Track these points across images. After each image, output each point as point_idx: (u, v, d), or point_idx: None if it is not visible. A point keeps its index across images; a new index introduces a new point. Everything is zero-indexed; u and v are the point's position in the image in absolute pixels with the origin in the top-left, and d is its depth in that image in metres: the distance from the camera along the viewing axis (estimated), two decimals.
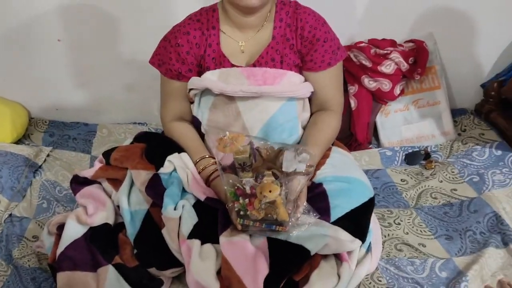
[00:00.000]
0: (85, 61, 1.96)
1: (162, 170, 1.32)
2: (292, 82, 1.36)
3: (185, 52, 1.35)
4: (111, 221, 1.34)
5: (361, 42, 1.87)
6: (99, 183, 1.45)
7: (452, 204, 1.57)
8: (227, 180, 1.19)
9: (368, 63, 1.80)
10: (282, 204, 1.16)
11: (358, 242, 1.25)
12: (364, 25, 1.89)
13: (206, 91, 1.39)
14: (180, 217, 1.24)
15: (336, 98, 1.42)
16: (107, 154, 1.44)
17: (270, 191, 1.12)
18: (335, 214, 1.24)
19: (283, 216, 1.15)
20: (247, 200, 1.16)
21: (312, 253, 1.20)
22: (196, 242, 1.21)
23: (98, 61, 1.96)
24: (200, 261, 1.18)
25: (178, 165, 1.33)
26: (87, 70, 1.98)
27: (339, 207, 1.26)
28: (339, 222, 1.24)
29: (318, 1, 1.46)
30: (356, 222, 1.26)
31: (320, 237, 1.20)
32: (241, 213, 1.17)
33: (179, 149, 1.38)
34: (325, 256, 1.26)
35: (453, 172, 1.70)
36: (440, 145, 1.86)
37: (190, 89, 1.40)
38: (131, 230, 1.29)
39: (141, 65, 1.95)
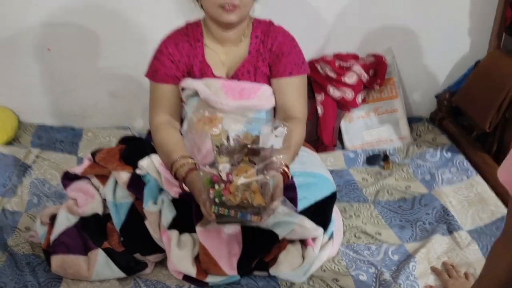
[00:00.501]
0: (72, 69, 2.10)
1: (138, 171, 1.47)
2: (265, 95, 1.52)
3: (177, 60, 1.49)
4: (100, 211, 1.49)
5: (327, 55, 2.07)
6: (88, 178, 1.59)
7: (406, 199, 1.77)
8: (203, 169, 1.21)
9: (333, 74, 2.00)
10: (258, 189, 1.17)
11: (321, 230, 1.43)
12: (330, 40, 2.09)
13: (193, 96, 1.52)
14: (160, 211, 1.40)
15: (298, 107, 1.51)
16: (94, 153, 1.58)
17: (246, 172, 1.15)
18: (302, 204, 1.41)
19: (259, 200, 1.16)
20: (222, 185, 1.16)
21: (280, 237, 1.37)
22: (175, 232, 1.36)
23: (84, 70, 2.10)
24: (178, 250, 1.34)
25: (149, 167, 1.45)
26: (73, 78, 2.12)
27: (306, 198, 1.43)
28: (304, 212, 1.41)
29: (291, 19, 1.63)
30: (320, 213, 1.44)
31: (287, 223, 1.37)
32: (216, 200, 1.16)
33: (151, 151, 1.49)
34: (292, 241, 1.44)
35: (408, 171, 1.90)
36: (398, 148, 2.06)
37: (183, 89, 1.52)
38: (117, 221, 1.43)
39: (125, 75, 2.12)
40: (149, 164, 1.43)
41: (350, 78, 2.00)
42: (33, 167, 1.88)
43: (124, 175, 1.45)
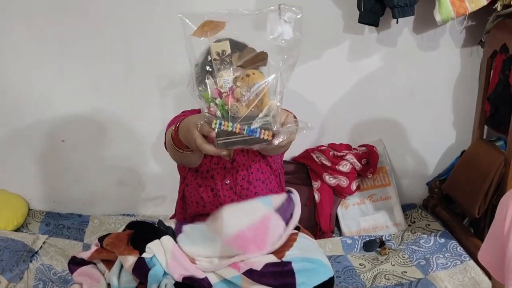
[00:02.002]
0: (82, 159, 2.23)
1: (144, 255, 1.54)
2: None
3: None
4: None
5: (322, 145, 2.22)
6: (94, 263, 1.65)
7: (402, 284, 1.80)
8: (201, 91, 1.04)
9: (328, 163, 2.13)
10: (268, 93, 1.00)
11: None
12: (324, 132, 2.25)
13: None
14: None
15: None
16: (101, 239, 1.66)
17: (253, 73, 0.99)
18: None
19: (270, 104, 1.00)
20: (225, 94, 1.00)
21: None
22: None
23: (93, 159, 2.24)
24: None
25: (156, 250, 1.49)
26: (83, 167, 2.25)
27: (304, 284, 1.48)
28: None
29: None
30: None
31: None
32: (218, 113, 1.00)
33: (161, 234, 1.55)
34: None
35: (403, 257, 1.95)
36: (393, 234, 2.13)
37: None
38: None
39: (131, 164, 2.25)
40: (157, 247, 1.50)
41: (344, 167, 2.13)
42: (40, 253, 1.94)
43: (130, 259, 1.51)
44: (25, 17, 2.02)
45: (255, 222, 1.41)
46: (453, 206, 2.24)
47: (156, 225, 1.61)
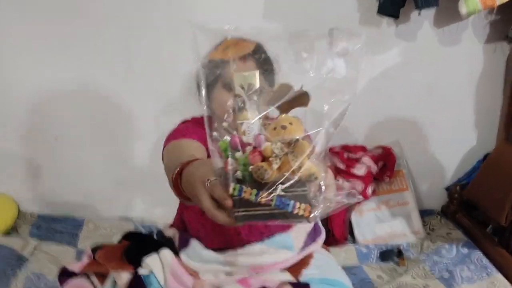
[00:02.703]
0: (77, 157, 2.08)
1: (141, 271, 1.36)
2: None
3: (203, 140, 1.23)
4: None
5: (335, 147, 2.06)
6: (87, 275, 1.49)
7: None
8: (214, 135, 0.79)
9: (342, 166, 1.98)
10: (309, 152, 0.73)
11: None
12: (338, 132, 2.09)
13: None
14: None
15: None
16: (94, 249, 1.50)
17: (290, 124, 0.72)
18: None
19: (312, 170, 0.71)
20: (250, 148, 0.73)
21: None
22: None
23: (89, 158, 2.09)
24: None
25: (154, 265, 1.33)
26: (78, 166, 2.10)
27: None
28: None
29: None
30: None
31: None
32: (238, 173, 0.72)
33: (159, 247, 1.37)
34: None
35: (424, 269, 1.80)
36: (411, 243, 1.98)
37: None
38: None
39: (129, 164, 2.10)
40: (155, 262, 1.34)
41: (359, 170, 1.98)
42: (30, 260, 1.78)
43: (124, 276, 1.35)
44: (22, 16, 1.89)
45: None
46: (474, 213, 2.09)
47: (155, 236, 1.44)
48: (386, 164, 2.03)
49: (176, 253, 1.32)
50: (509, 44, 1.95)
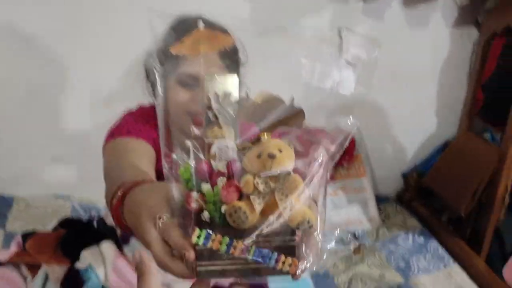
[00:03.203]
0: (8, 130, 1.84)
1: (78, 265, 1.19)
2: None
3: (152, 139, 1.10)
4: None
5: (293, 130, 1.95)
6: (17, 264, 1.30)
7: None
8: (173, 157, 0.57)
9: (300, 149, 1.87)
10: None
11: None
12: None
13: None
14: None
15: None
16: (25, 237, 1.30)
17: (280, 151, 0.56)
18: None
19: (306, 215, 0.54)
20: (223, 179, 0.55)
21: None
22: None
23: (23, 131, 1.85)
24: None
25: (94, 259, 1.16)
26: (9, 139, 1.86)
27: None
28: None
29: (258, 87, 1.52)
30: None
31: None
32: (204, 214, 0.54)
33: (100, 238, 1.20)
34: None
35: (380, 257, 1.75)
36: (367, 230, 1.92)
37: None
38: None
39: (68, 138, 1.89)
40: (95, 256, 1.17)
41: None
42: None
43: (58, 270, 1.17)
44: None
45: None
46: (430, 200, 2.06)
47: (96, 225, 1.26)
48: (345, 148, 1.95)
49: (120, 245, 1.16)
50: (478, 30, 1.89)
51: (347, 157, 1.95)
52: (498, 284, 1.55)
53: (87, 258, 1.16)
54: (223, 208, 0.53)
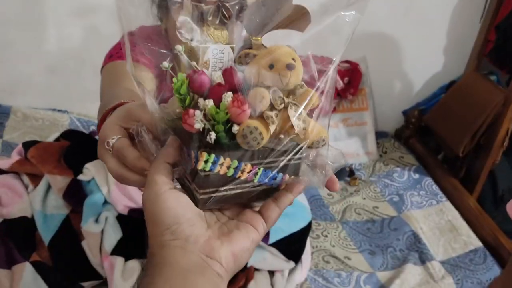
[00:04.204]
0: (6, 37, 1.77)
1: (81, 177, 1.19)
2: None
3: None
4: (28, 214, 1.21)
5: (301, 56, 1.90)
6: (17, 173, 1.30)
7: (374, 221, 1.64)
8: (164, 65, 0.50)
9: (306, 77, 1.84)
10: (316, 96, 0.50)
11: (293, 263, 1.26)
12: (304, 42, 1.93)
13: None
14: (102, 231, 1.14)
15: None
16: (26, 146, 1.29)
17: (294, 61, 0.51)
18: (277, 236, 1.23)
19: (322, 133, 0.51)
20: (229, 94, 0.47)
21: (248, 264, 1.19)
22: (120, 259, 1.12)
23: (19, 37, 1.78)
24: (123, 281, 1.10)
25: (97, 172, 1.17)
26: (5, 45, 1.79)
27: (281, 230, 1.24)
28: (279, 243, 1.23)
29: None
30: (294, 244, 1.27)
31: (259, 250, 1.20)
32: (211, 135, 0.46)
33: None
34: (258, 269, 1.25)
35: (375, 190, 1.78)
36: (364, 164, 1.94)
37: None
38: (45, 234, 1.15)
39: (66, 48, 1.82)
40: (98, 169, 1.16)
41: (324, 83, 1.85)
42: None
43: (61, 180, 1.17)
44: None
45: None
46: (427, 139, 2.07)
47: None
48: (351, 81, 1.92)
49: None
50: None
51: (352, 90, 1.93)
52: (488, 223, 1.61)
53: (90, 170, 1.16)
54: (235, 129, 0.46)
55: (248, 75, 0.48)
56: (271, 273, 1.26)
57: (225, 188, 0.49)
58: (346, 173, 1.86)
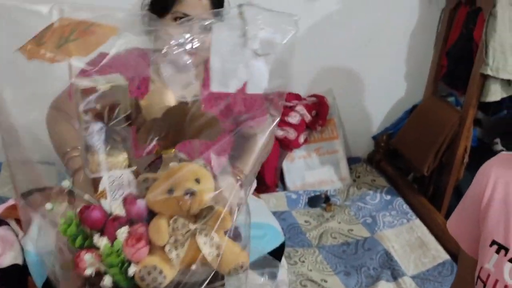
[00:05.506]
0: None
1: None
2: None
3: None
4: (19, 261, 1.30)
5: (269, 94, 2.03)
6: (6, 222, 1.39)
7: (349, 243, 1.74)
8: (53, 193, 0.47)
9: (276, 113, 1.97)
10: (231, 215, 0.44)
11: (270, 284, 1.34)
12: (271, 80, 2.06)
13: None
14: None
15: None
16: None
17: (197, 182, 0.46)
18: (250, 258, 1.32)
19: (241, 258, 0.48)
20: (123, 231, 0.43)
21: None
22: None
23: None
24: None
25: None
26: None
27: (253, 252, 1.33)
28: (252, 265, 1.31)
29: None
30: (268, 264, 1.36)
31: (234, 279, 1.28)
32: (106, 280, 0.44)
33: None
34: None
35: (349, 214, 1.89)
36: (338, 189, 2.05)
37: None
38: (38, 279, 1.21)
39: None
40: None
41: (293, 118, 1.98)
42: None
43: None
44: None
45: None
46: (397, 161, 2.19)
47: None
48: (319, 113, 2.05)
49: None
50: None
51: (321, 121, 2.05)
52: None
53: None
54: (131, 270, 0.39)
55: (148, 203, 0.42)
56: None
57: None
58: (322, 200, 1.97)
